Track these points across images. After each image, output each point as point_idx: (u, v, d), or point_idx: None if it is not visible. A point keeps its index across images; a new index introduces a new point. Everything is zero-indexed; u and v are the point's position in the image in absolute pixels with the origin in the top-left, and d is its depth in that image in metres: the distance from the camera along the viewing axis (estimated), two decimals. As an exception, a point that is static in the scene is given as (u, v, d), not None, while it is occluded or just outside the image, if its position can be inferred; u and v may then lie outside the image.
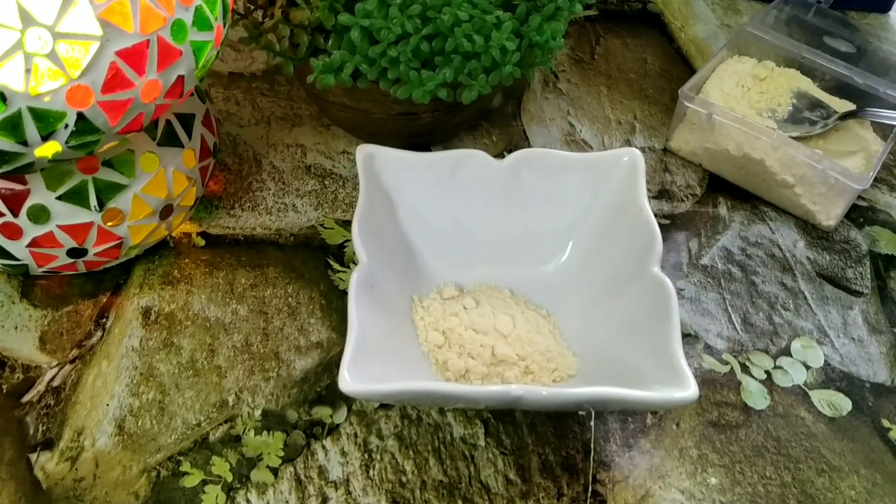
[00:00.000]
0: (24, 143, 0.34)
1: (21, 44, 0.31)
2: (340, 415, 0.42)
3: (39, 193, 0.40)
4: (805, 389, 0.45)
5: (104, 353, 0.43)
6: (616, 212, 0.44)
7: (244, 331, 0.45)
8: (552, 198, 0.46)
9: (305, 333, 0.45)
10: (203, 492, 0.39)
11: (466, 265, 0.46)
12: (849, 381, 0.45)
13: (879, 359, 0.47)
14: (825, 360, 0.46)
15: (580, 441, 0.42)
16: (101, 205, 0.41)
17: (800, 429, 0.43)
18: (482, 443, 0.41)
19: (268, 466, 0.40)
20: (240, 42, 0.47)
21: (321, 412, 0.42)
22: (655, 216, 0.42)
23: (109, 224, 0.42)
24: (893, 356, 0.47)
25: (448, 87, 0.45)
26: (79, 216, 0.41)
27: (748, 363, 0.46)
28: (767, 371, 0.45)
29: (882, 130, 0.55)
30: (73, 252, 0.42)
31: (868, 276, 0.51)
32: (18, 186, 0.39)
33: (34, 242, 0.41)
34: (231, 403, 0.42)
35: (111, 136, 0.36)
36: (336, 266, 0.49)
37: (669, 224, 0.53)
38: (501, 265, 0.47)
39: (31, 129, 0.33)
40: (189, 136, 0.45)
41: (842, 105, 0.56)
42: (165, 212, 0.45)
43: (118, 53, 0.33)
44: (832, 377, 0.45)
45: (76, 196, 0.40)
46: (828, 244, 0.52)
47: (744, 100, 0.56)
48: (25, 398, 0.42)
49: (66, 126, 0.34)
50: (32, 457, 0.39)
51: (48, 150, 0.34)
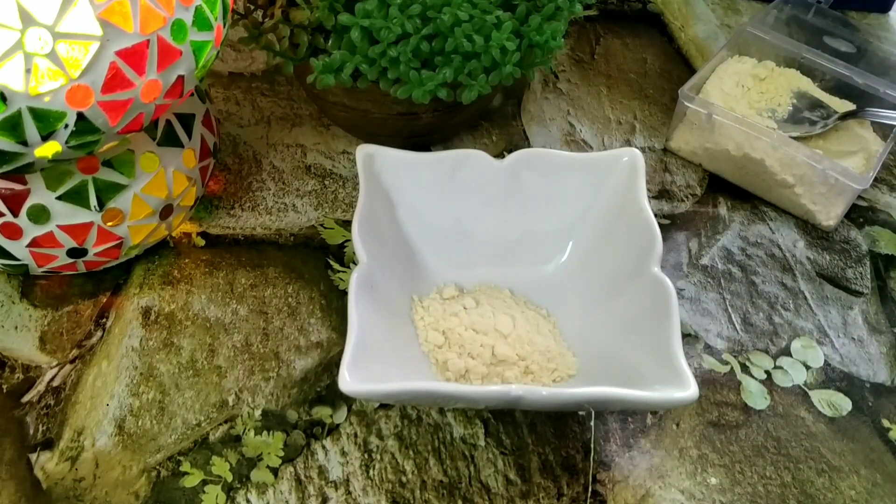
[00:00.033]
0: (24, 143, 0.34)
1: (21, 44, 0.31)
2: (340, 415, 0.42)
3: (39, 193, 0.40)
4: (805, 389, 0.45)
5: (104, 353, 0.43)
6: (616, 212, 0.44)
7: (244, 331, 0.45)
8: (552, 198, 0.46)
9: (305, 333, 0.45)
10: (203, 492, 0.39)
11: (466, 265, 0.46)
12: (849, 381, 0.45)
13: (879, 359, 0.47)
14: (825, 360, 0.46)
15: (580, 441, 0.42)
16: (101, 205, 0.41)
17: (800, 429, 0.43)
18: (482, 443, 0.41)
19: (268, 466, 0.40)
20: (240, 42, 0.47)
21: (321, 412, 0.42)
22: (655, 216, 0.42)
23: (109, 224, 0.42)
24: (893, 356, 0.47)
25: (448, 87, 0.45)
26: (79, 216, 0.41)
27: (748, 363, 0.46)
28: (767, 371, 0.45)
29: (882, 130, 0.55)
30: (73, 252, 0.42)
31: (868, 276, 0.51)
32: (18, 186, 0.39)
33: (34, 242, 0.41)
34: (231, 403, 0.42)
35: (111, 136, 0.36)
36: (336, 266, 0.49)
37: (669, 224, 0.53)
38: (501, 265, 0.47)
39: (31, 129, 0.33)
40: (189, 136, 0.45)
41: (842, 105, 0.56)
42: (165, 212, 0.45)
43: (118, 53, 0.33)
44: (832, 377, 0.45)
45: (76, 196, 0.40)
46: (828, 244, 0.52)
47: (744, 100, 0.56)
48: (25, 398, 0.42)
49: (66, 126, 0.34)
50: (32, 457, 0.39)
51: (48, 150, 0.34)
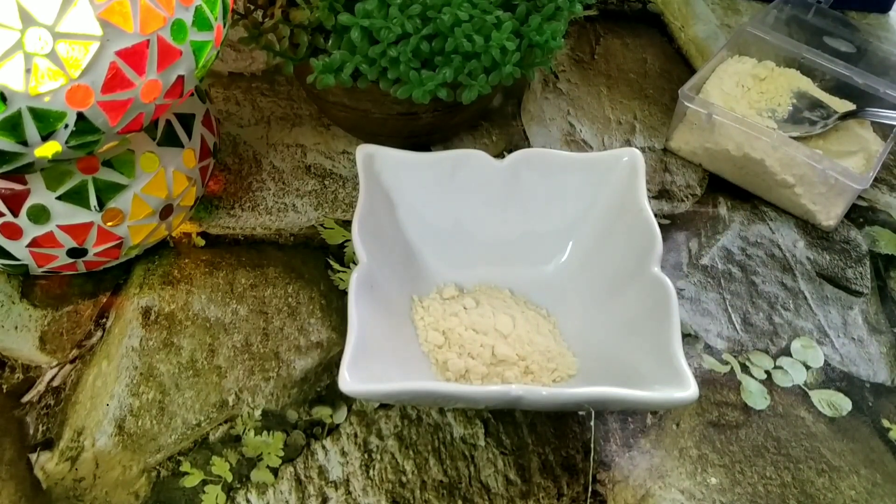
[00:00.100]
0: (24, 143, 0.34)
1: (21, 44, 0.31)
2: (340, 415, 0.42)
3: (39, 193, 0.40)
4: (805, 389, 0.45)
5: (104, 353, 0.43)
6: (616, 212, 0.44)
7: (244, 331, 0.45)
8: (552, 198, 0.46)
9: (305, 333, 0.45)
10: (203, 492, 0.39)
11: (466, 265, 0.46)
12: (849, 381, 0.45)
13: (879, 359, 0.47)
14: (825, 360, 0.46)
15: (580, 441, 0.42)
16: (101, 205, 0.41)
17: (800, 429, 0.43)
18: (482, 443, 0.41)
19: (268, 466, 0.40)
20: (240, 42, 0.47)
21: (321, 412, 0.42)
22: (655, 216, 0.42)
23: (109, 224, 0.42)
24: (893, 356, 0.47)
25: (448, 87, 0.45)
26: (79, 216, 0.41)
27: (748, 363, 0.46)
28: (767, 371, 0.45)
29: (882, 130, 0.55)
30: (73, 252, 0.42)
31: (868, 276, 0.51)
32: (18, 186, 0.39)
33: (34, 242, 0.41)
34: (231, 403, 0.42)
35: (111, 136, 0.36)
36: (336, 266, 0.49)
37: (669, 224, 0.53)
38: (501, 265, 0.47)
39: (31, 129, 0.33)
40: (189, 136, 0.45)
41: (842, 105, 0.56)
42: (165, 212, 0.45)
43: (118, 53, 0.33)
44: (832, 377, 0.45)
45: (76, 196, 0.40)
46: (828, 244, 0.52)
47: (744, 100, 0.56)
48: (25, 398, 0.42)
49: (66, 126, 0.34)
50: (32, 457, 0.39)
51: (48, 150, 0.34)
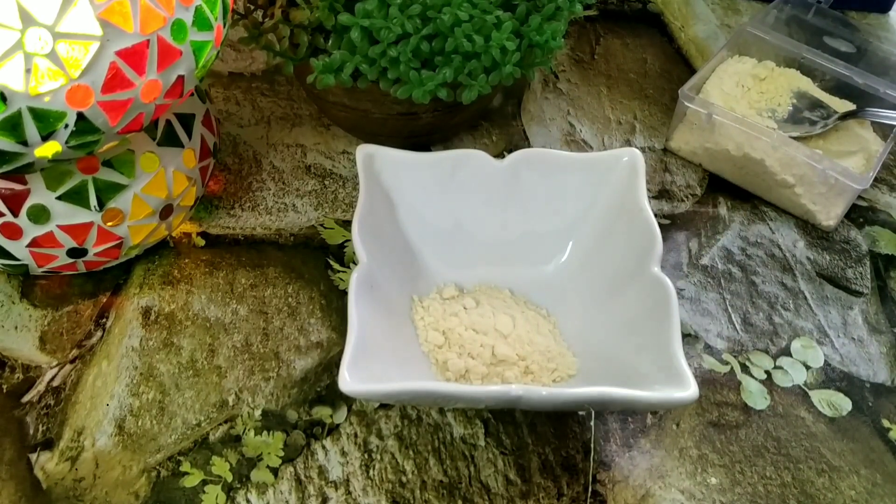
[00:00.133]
0: (24, 143, 0.34)
1: (21, 44, 0.31)
2: (340, 415, 0.42)
3: (39, 193, 0.40)
4: (805, 389, 0.45)
5: (104, 353, 0.43)
6: (616, 212, 0.44)
7: (244, 331, 0.45)
8: (552, 198, 0.46)
9: (305, 333, 0.45)
10: (203, 492, 0.39)
11: (466, 265, 0.46)
12: (849, 381, 0.45)
13: (879, 359, 0.47)
14: (825, 360, 0.46)
15: (580, 441, 0.42)
16: (101, 205, 0.41)
17: (800, 429, 0.43)
18: (482, 443, 0.41)
19: (268, 466, 0.40)
20: (240, 42, 0.47)
21: (321, 412, 0.42)
22: (655, 216, 0.42)
23: (109, 224, 0.42)
24: (893, 356, 0.47)
25: (448, 87, 0.45)
26: (79, 216, 0.41)
27: (748, 363, 0.46)
28: (767, 371, 0.45)
29: (882, 130, 0.55)
30: (73, 252, 0.42)
31: (868, 276, 0.51)
32: (18, 186, 0.39)
33: (34, 242, 0.41)
34: (231, 403, 0.42)
35: (111, 136, 0.36)
36: (336, 266, 0.49)
37: (669, 224, 0.53)
38: (501, 265, 0.47)
39: (31, 129, 0.33)
40: (189, 136, 0.45)
41: (842, 105, 0.56)
42: (165, 212, 0.45)
43: (118, 53, 0.33)
44: (832, 377, 0.45)
45: (76, 196, 0.40)
46: (828, 244, 0.52)
47: (744, 100, 0.56)
48: (25, 398, 0.42)
49: (66, 126, 0.34)
50: (32, 457, 0.39)
51: (48, 150, 0.34)
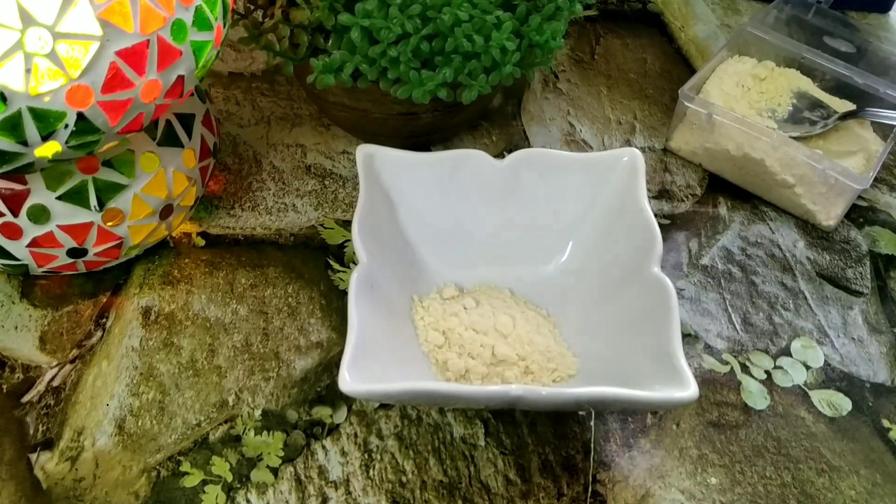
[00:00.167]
0: (24, 143, 0.34)
1: (21, 44, 0.31)
2: (340, 415, 0.42)
3: (39, 193, 0.40)
4: (805, 389, 0.45)
5: (104, 353, 0.43)
6: (616, 212, 0.44)
7: (244, 331, 0.45)
8: (552, 198, 0.46)
9: (305, 333, 0.45)
10: (203, 492, 0.39)
11: (466, 265, 0.46)
12: (849, 381, 0.45)
13: (879, 359, 0.47)
14: (825, 360, 0.46)
15: (580, 441, 0.42)
16: (101, 205, 0.41)
17: (800, 429, 0.43)
18: (482, 443, 0.41)
19: (268, 466, 0.40)
20: (240, 42, 0.47)
21: (321, 412, 0.42)
22: (655, 216, 0.42)
23: (109, 224, 0.42)
24: (893, 356, 0.47)
25: (448, 87, 0.45)
26: (79, 216, 0.41)
27: (748, 363, 0.46)
28: (767, 371, 0.45)
29: (882, 130, 0.55)
30: (73, 252, 0.42)
31: (868, 276, 0.51)
32: (18, 186, 0.39)
33: (34, 242, 0.41)
34: (231, 403, 0.42)
35: (111, 136, 0.36)
36: (336, 266, 0.49)
37: (669, 224, 0.53)
38: (501, 265, 0.47)
39: (31, 129, 0.33)
40: (189, 136, 0.45)
41: (842, 105, 0.56)
42: (165, 212, 0.45)
43: (118, 53, 0.33)
44: (832, 377, 0.45)
45: (76, 196, 0.40)
46: (828, 244, 0.52)
47: (744, 100, 0.56)
48: (25, 398, 0.42)
49: (66, 126, 0.34)
50: (32, 457, 0.39)
51: (48, 150, 0.34)
